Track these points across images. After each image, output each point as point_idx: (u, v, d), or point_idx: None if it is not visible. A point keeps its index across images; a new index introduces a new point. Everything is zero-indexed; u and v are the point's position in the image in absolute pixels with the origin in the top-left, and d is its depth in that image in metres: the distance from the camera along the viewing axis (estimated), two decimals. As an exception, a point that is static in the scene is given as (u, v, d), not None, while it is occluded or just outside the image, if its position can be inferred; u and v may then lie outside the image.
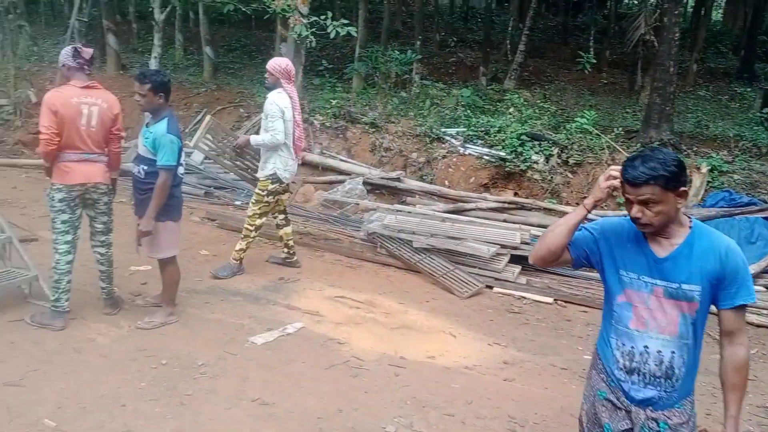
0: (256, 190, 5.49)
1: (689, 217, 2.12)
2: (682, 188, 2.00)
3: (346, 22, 7.50)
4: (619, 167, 2.07)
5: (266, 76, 5.40)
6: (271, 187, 5.41)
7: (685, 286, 2.04)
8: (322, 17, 7.45)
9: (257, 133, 5.77)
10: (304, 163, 8.95)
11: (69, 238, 4.21)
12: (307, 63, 9.20)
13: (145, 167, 4.21)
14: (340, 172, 8.71)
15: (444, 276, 5.90)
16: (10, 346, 3.98)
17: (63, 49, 4.24)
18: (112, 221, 4.46)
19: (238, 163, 5.99)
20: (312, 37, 7.45)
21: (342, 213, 7.77)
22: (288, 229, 5.83)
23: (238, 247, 5.58)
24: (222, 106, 10.28)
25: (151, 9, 10.58)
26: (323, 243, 6.72)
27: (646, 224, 2.03)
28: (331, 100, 9.54)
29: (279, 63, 5.36)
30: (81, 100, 4.06)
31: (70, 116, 4.02)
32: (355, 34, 7.91)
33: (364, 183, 8.25)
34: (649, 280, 2.08)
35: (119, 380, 3.70)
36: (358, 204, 7.89)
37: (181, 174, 4.40)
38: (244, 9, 7.96)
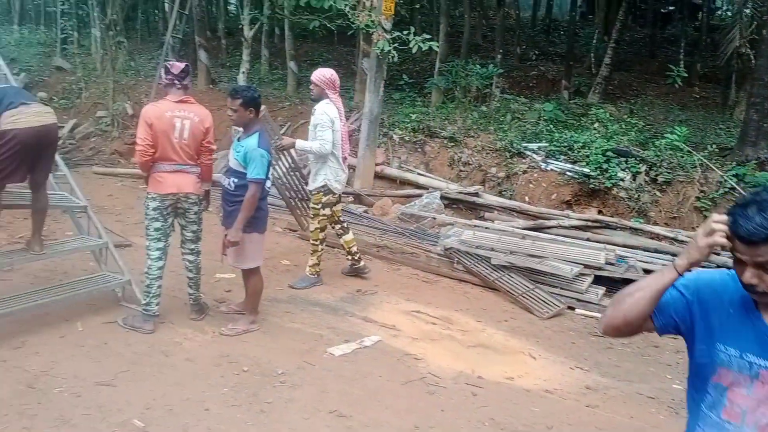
0: (312, 205, 5.59)
1: None
2: None
3: (428, 36, 7.53)
4: (725, 218, 1.56)
5: (311, 87, 5.47)
6: (324, 199, 5.47)
7: None
8: (405, 32, 7.52)
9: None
10: (382, 177, 9.05)
11: (161, 244, 4.40)
12: (387, 77, 9.29)
13: (236, 180, 4.36)
14: (418, 186, 8.73)
15: (523, 295, 5.77)
16: (104, 347, 4.19)
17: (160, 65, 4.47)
18: (202, 230, 4.63)
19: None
20: (394, 52, 7.52)
21: (419, 227, 7.75)
22: (348, 237, 5.87)
23: (310, 263, 5.69)
24: (305, 120, 10.51)
25: (240, 26, 11.04)
26: (400, 257, 6.73)
27: (764, 293, 1.54)
28: (411, 115, 9.59)
29: (323, 73, 5.38)
30: (174, 114, 4.25)
31: (164, 129, 4.22)
32: (437, 49, 7.93)
33: (442, 197, 8.22)
34: (757, 360, 1.59)
35: (203, 385, 3.81)
36: (435, 218, 7.86)
37: (268, 187, 4.52)
38: (328, 25, 8.14)
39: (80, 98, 12.24)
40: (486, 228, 7.08)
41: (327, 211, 5.53)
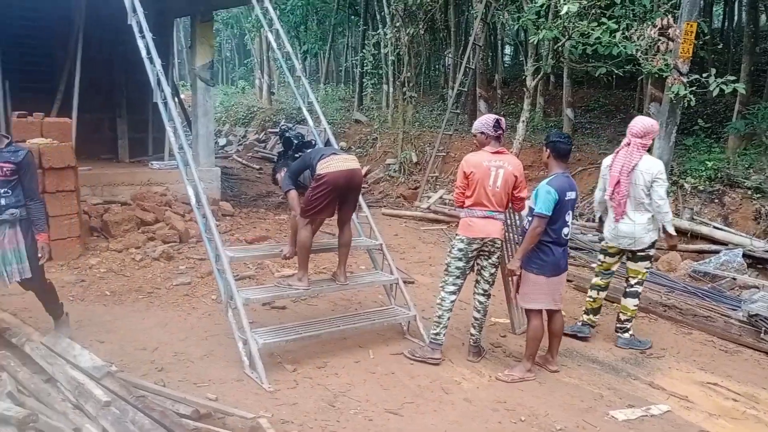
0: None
1: None
2: None
3: (732, 78, 6.79)
4: None
5: None
6: (602, 244, 5.41)
7: None
8: (705, 75, 6.89)
9: None
10: (669, 229, 8.32)
11: (459, 282, 4.69)
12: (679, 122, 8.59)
13: (530, 218, 4.49)
14: (713, 241, 7.81)
15: None
16: (391, 376, 4.49)
17: (480, 118, 4.79)
18: (496, 274, 4.77)
19: None
20: (691, 96, 6.93)
21: (714, 287, 6.90)
22: (626, 301, 5.44)
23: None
24: (582, 167, 10.26)
25: (522, 77, 11.29)
26: (691, 319, 6.05)
27: None
28: (706, 162, 8.68)
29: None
30: (491, 164, 4.52)
31: (481, 177, 4.52)
32: (742, 91, 7.10)
33: (744, 255, 7.22)
34: None
35: (482, 428, 3.85)
36: (735, 279, 6.93)
37: (566, 235, 4.53)
38: (616, 71, 7.86)
39: (373, 147, 13.65)
40: (804, 295, 6.00)
41: (600, 257, 5.44)
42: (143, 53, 5.44)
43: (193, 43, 8.59)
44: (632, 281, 5.36)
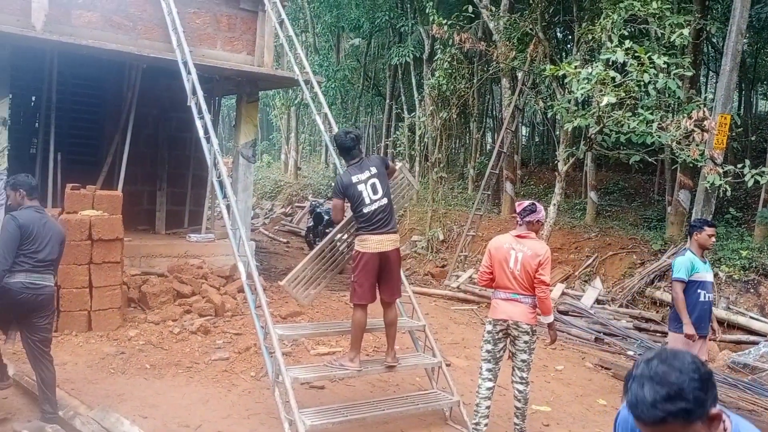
0: None
1: None
2: None
3: (766, 169, 6.92)
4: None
5: None
6: None
7: None
8: (740, 165, 7.03)
9: None
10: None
11: (490, 366, 4.63)
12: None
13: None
14: (751, 332, 7.71)
15: None
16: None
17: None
18: (531, 360, 4.70)
19: None
20: (727, 186, 7.05)
21: (755, 379, 6.77)
22: None
23: None
24: (613, 251, 10.27)
25: (539, 158, 11.47)
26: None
27: None
28: (740, 251, 8.68)
29: None
30: (511, 246, 4.58)
31: (500, 259, 4.58)
32: (775, 182, 7.22)
33: (785, 348, 7.11)
34: None
35: None
36: (776, 372, 6.80)
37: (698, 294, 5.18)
38: (649, 159, 8.05)
39: (400, 224, 13.78)
40: None
41: None
42: (201, 133, 5.69)
43: (238, 122, 8.92)
44: None
